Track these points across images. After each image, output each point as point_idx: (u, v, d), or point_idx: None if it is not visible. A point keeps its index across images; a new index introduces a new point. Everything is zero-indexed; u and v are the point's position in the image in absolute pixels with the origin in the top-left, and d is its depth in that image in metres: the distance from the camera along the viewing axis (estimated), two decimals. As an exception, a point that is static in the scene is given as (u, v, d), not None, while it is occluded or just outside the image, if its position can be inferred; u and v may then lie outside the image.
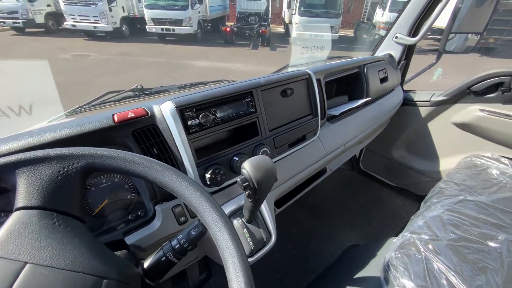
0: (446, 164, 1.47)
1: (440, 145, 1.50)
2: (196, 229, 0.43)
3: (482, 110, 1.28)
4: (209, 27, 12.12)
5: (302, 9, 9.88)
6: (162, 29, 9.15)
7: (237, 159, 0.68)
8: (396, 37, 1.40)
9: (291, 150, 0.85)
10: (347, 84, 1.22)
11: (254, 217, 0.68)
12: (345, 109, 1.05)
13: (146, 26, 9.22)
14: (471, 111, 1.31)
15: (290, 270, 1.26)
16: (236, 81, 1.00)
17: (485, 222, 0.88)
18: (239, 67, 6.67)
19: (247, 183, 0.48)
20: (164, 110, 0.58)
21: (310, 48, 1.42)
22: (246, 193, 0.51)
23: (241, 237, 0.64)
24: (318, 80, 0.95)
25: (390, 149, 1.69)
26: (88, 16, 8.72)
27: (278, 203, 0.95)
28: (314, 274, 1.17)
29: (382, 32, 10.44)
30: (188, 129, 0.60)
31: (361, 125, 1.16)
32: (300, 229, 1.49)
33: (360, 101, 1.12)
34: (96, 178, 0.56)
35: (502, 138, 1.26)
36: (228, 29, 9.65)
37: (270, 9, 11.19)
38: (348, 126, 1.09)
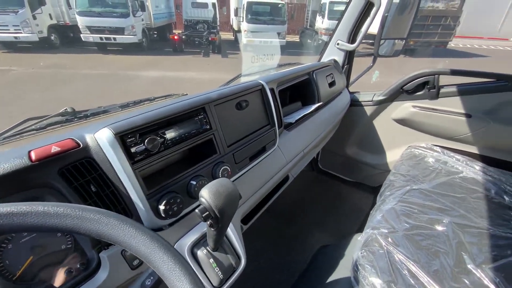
0: (392, 156, 1.62)
1: (385, 139, 1.65)
2: (152, 277, 0.36)
3: (414, 106, 1.45)
4: (155, 36, 11.57)
5: (249, 16, 10.17)
6: (101, 38, 8.38)
7: (194, 183, 0.62)
8: (338, 44, 1.50)
9: (252, 163, 0.82)
10: (299, 91, 1.25)
11: (220, 244, 0.62)
12: (300, 116, 1.07)
13: (81, 35, 8.33)
14: (405, 108, 1.47)
15: (265, 285, 1.23)
16: (186, 94, 0.94)
17: (431, 208, 0.98)
18: (192, 76, 6.49)
19: (207, 212, 0.43)
20: (100, 139, 0.49)
21: (260, 56, 1.43)
22: (208, 223, 0.46)
23: (208, 269, 0.58)
24: (272, 90, 0.95)
25: (343, 147, 1.80)
26: (7, 25, 7.50)
27: (244, 219, 0.91)
28: (289, 285, 1.15)
29: (324, 38, 11.37)
30: (132, 158, 0.53)
31: (316, 129, 1.20)
32: (270, 238, 1.47)
33: (313, 107, 1.15)
34: None
35: (432, 130, 1.44)
36: (176, 37, 9.35)
37: (218, 16, 11.21)
38: (304, 131, 1.11)
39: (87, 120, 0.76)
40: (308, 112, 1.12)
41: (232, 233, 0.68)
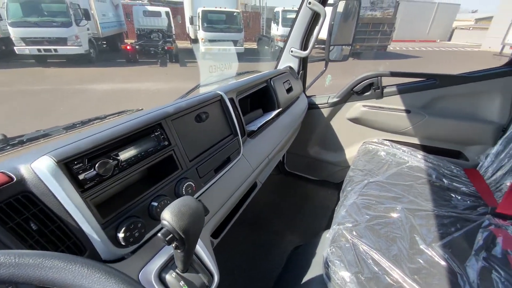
0: (350, 152, 1.75)
1: (343, 138, 1.77)
2: None
3: (364, 106, 1.58)
4: (104, 46, 10.82)
5: (205, 25, 10.14)
6: (40, 50, 7.53)
7: (156, 204, 0.58)
8: (292, 51, 1.58)
9: (218, 175, 0.81)
10: (259, 98, 1.28)
11: (189, 264, 0.60)
12: (262, 123, 1.10)
13: (15, 48, 7.39)
14: (357, 108, 1.61)
15: (242, 297, 1.21)
16: (142, 109, 0.89)
17: (386, 198, 1.08)
18: (149, 86, 6.18)
19: (170, 235, 0.41)
20: (39, 169, 0.44)
21: (218, 65, 1.44)
22: (173, 245, 0.44)
23: None
24: (231, 99, 0.96)
25: (306, 148, 1.88)
26: None
27: (214, 232, 0.89)
28: None
29: (280, 44, 11.87)
30: (81, 185, 0.48)
31: (278, 134, 1.23)
32: (243, 248, 1.45)
33: (273, 113, 1.19)
34: None
35: (381, 126, 1.59)
36: (129, 47, 8.87)
37: (172, 25, 10.95)
38: (267, 137, 1.14)
39: (23, 147, 0.67)
40: (269, 118, 1.15)
41: (202, 250, 0.66)
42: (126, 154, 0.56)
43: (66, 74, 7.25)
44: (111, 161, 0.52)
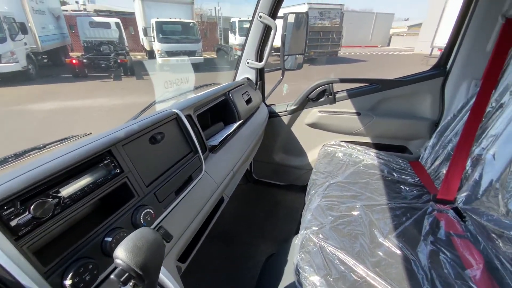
0: (312, 156, 1.83)
1: (304, 142, 1.85)
2: None
3: (320, 111, 1.68)
4: (46, 61, 9.79)
5: (161, 36, 9.87)
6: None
7: (110, 239, 0.53)
8: (248, 63, 1.62)
9: (179, 197, 0.78)
10: (219, 111, 1.28)
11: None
12: (223, 137, 1.09)
13: None
14: (314, 113, 1.70)
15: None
16: (90, 134, 0.82)
17: (347, 197, 1.15)
18: (103, 103, 5.74)
19: (126, 274, 0.38)
20: None
21: (174, 81, 1.40)
22: (131, 284, 0.40)
23: None
24: (189, 116, 0.94)
25: (272, 155, 1.93)
26: None
27: (182, 256, 0.85)
28: None
29: (239, 53, 12.07)
30: (15, 232, 0.42)
31: (241, 146, 1.24)
32: (216, 264, 1.41)
33: (235, 125, 1.19)
34: None
35: (337, 129, 1.71)
36: (75, 61, 8.16)
37: (124, 37, 10.40)
38: (230, 150, 1.13)
39: None
40: (230, 131, 1.15)
41: (168, 279, 0.62)
42: (69, 190, 0.51)
43: (2, 94, 6.36)
44: (50, 200, 0.47)
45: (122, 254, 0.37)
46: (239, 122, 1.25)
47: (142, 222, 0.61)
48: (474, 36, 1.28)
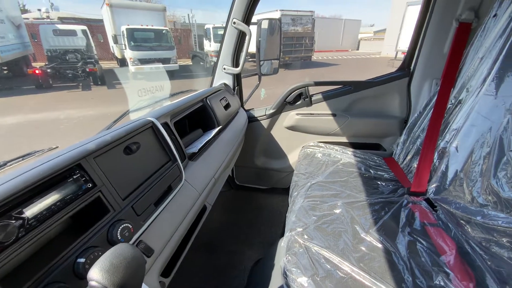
0: (292, 158, 1.86)
1: (284, 145, 1.87)
2: None
3: (298, 114, 1.72)
4: (6, 72, 9.05)
5: (132, 44, 9.59)
6: None
7: (83, 260, 0.49)
8: (224, 69, 1.62)
9: (159, 208, 0.74)
10: (197, 118, 1.25)
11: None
12: (203, 143, 1.07)
13: None
14: (292, 116, 1.73)
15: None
16: (57, 147, 0.76)
17: (328, 196, 1.17)
18: (71, 114, 5.39)
19: None
20: None
21: (148, 89, 1.35)
22: None
23: None
24: (165, 124, 0.91)
25: (253, 159, 1.92)
26: None
27: (165, 270, 0.81)
28: None
29: (215, 59, 12.07)
30: None
31: (222, 152, 1.23)
32: (202, 275, 1.36)
33: (214, 131, 1.18)
34: None
35: (315, 130, 1.75)
36: (38, 72, 7.63)
37: (93, 44, 9.92)
38: (210, 157, 1.11)
39: None
40: (209, 137, 1.13)
41: (150, 297, 0.59)
42: (34, 209, 0.46)
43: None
44: (13, 221, 0.43)
45: (97, 274, 0.35)
46: (218, 128, 1.23)
47: (120, 238, 0.57)
48: (432, 39, 1.39)
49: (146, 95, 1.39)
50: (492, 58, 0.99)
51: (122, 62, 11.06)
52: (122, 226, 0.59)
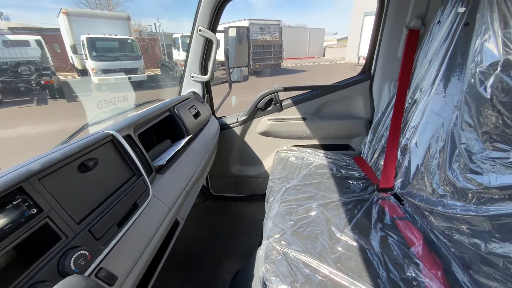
0: (267, 163, 1.86)
1: (258, 151, 1.87)
2: None
3: (270, 119, 1.73)
4: None
5: (94, 53, 9.08)
6: None
7: None
8: (192, 77, 1.58)
9: (123, 229, 0.68)
10: (165, 128, 1.20)
11: None
12: (171, 155, 1.02)
13: None
14: (264, 122, 1.74)
15: None
16: (-2, 170, 0.67)
17: (303, 199, 1.18)
18: (24, 132, 4.88)
19: None
20: None
21: (110, 100, 1.26)
22: None
23: None
24: (128, 136, 0.85)
25: (228, 168, 1.89)
26: None
27: None
28: None
29: (185, 68, 11.88)
30: None
31: (193, 162, 1.18)
32: (179, 295, 1.28)
33: (183, 141, 1.13)
34: None
35: (287, 134, 1.78)
36: (-17, 86, 6.83)
37: (48, 55, 9.18)
38: (181, 169, 1.06)
39: None
40: (179, 148, 1.08)
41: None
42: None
43: None
44: None
45: None
46: (188, 137, 1.18)
47: (73, 268, 0.51)
48: (387, 45, 1.50)
49: (107, 106, 1.29)
50: (439, 61, 1.09)
51: (83, 73, 10.39)
52: (77, 254, 0.52)
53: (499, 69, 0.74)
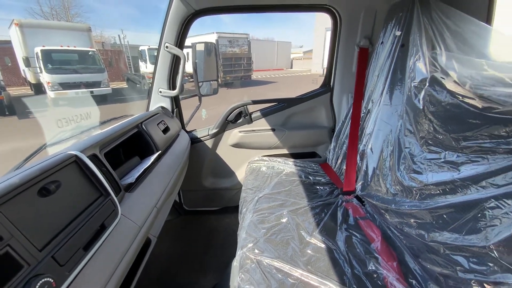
0: (240, 174, 1.89)
1: (230, 163, 1.90)
2: None
3: (240, 131, 1.78)
4: None
5: (50, 66, 8.46)
6: None
7: None
8: (160, 92, 1.58)
9: (89, 252, 0.66)
10: (133, 145, 1.18)
11: None
12: (140, 172, 1.01)
13: None
14: (235, 134, 1.79)
15: None
16: None
17: (275, 207, 1.23)
18: (-36, 155, 4.30)
19: None
20: None
21: (71, 118, 1.21)
22: None
23: None
24: (94, 156, 0.83)
25: (201, 181, 1.88)
26: None
27: None
28: None
29: (153, 81, 11.57)
30: None
31: (163, 178, 1.17)
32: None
33: (152, 157, 1.12)
34: None
35: (258, 145, 1.84)
36: None
37: (-4, 69, 8.34)
38: (151, 185, 1.05)
39: None
40: (148, 164, 1.07)
41: None
42: None
43: None
44: None
45: None
46: (157, 153, 1.18)
47: None
48: (343, 61, 1.66)
49: (68, 125, 1.24)
50: (384, 76, 1.25)
51: (38, 88, 9.57)
52: (41, 282, 0.50)
53: (427, 84, 0.89)
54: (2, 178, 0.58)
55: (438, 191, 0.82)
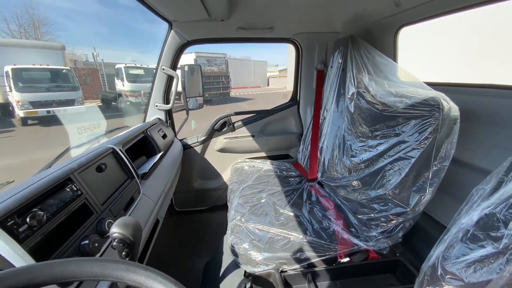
0: (226, 175, 2.20)
1: (218, 166, 2.20)
2: None
3: (225, 138, 2.12)
4: None
5: (21, 85, 8.23)
6: None
7: (87, 241, 0.68)
8: (157, 106, 1.88)
9: (127, 213, 0.94)
10: (139, 147, 1.45)
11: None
12: (151, 165, 1.29)
13: None
14: (221, 141, 2.11)
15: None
16: (13, 181, 0.87)
17: (256, 192, 1.55)
18: None
19: (122, 242, 0.58)
20: None
21: (87, 127, 1.45)
22: (123, 253, 0.60)
23: None
24: (120, 150, 1.12)
25: (191, 183, 2.15)
26: None
27: None
28: None
29: (132, 99, 11.56)
30: (20, 240, 0.54)
31: (167, 172, 1.45)
32: None
33: (158, 156, 1.41)
34: None
35: (242, 150, 2.18)
36: None
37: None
38: (159, 176, 1.34)
39: None
40: (156, 160, 1.36)
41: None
42: (48, 208, 0.64)
43: None
44: (40, 212, 0.60)
45: (118, 229, 0.59)
46: (161, 153, 1.47)
47: (107, 229, 0.77)
48: (305, 80, 2.10)
49: (85, 132, 1.49)
50: (333, 91, 1.68)
51: (4, 107, 9.14)
52: (108, 221, 0.79)
53: (355, 96, 1.32)
54: (74, 157, 0.86)
55: (363, 166, 1.22)
